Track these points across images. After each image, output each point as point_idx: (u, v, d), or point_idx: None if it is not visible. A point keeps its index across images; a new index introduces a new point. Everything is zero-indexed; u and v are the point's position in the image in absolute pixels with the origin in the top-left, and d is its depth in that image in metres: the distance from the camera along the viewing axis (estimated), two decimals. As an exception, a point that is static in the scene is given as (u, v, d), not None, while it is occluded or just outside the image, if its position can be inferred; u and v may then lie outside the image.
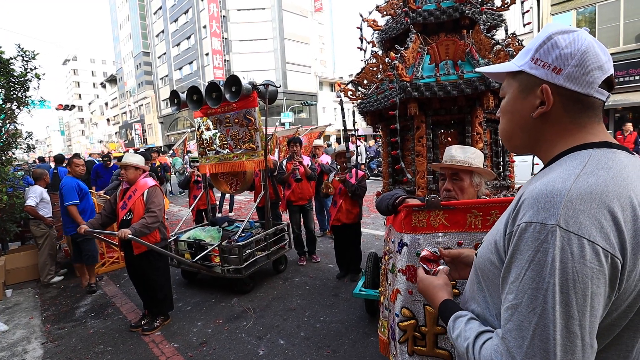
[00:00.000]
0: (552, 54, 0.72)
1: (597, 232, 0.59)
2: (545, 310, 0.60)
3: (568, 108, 0.73)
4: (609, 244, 0.59)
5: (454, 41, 2.64)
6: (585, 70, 0.69)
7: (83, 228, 3.27)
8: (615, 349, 0.68)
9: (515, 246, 0.66)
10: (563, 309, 0.59)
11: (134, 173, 3.42)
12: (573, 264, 0.58)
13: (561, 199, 0.62)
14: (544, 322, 0.60)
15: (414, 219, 1.60)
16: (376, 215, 7.47)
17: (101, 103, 66.21)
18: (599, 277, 0.59)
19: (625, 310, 0.64)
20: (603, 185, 0.62)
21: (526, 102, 0.77)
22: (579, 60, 0.69)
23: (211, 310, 3.87)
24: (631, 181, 0.64)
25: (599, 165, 0.66)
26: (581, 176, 0.64)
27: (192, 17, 34.32)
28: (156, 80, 42.68)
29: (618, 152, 0.69)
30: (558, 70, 0.71)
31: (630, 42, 12.36)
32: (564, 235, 0.59)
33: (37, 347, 3.36)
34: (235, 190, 5.18)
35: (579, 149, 0.71)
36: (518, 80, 0.79)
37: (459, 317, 0.84)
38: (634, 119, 13.04)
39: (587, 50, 0.69)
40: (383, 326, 1.93)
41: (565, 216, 0.60)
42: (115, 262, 5.49)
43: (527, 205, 0.66)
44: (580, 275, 0.58)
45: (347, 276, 4.51)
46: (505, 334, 0.66)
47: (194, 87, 4.49)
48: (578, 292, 0.58)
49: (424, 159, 2.59)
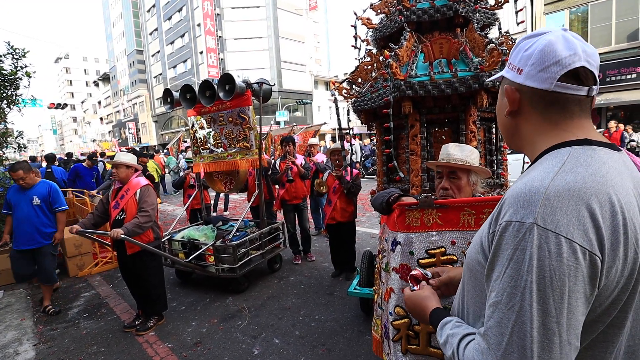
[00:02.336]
0: (517, 56, 0.78)
1: (574, 230, 0.59)
2: (523, 307, 0.61)
3: (533, 105, 0.77)
4: (586, 241, 0.59)
5: (448, 40, 2.64)
6: (541, 67, 0.72)
7: (75, 228, 3.23)
8: (601, 345, 0.68)
9: (496, 245, 0.67)
10: (540, 306, 0.59)
11: (125, 172, 3.39)
12: (550, 262, 0.59)
13: (539, 197, 0.63)
14: (522, 319, 0.61)
15: (408, 218, 1.60)
16: (371, 214, 7.48)
17: (94, 102, 65.58)
18: (576, 274, 0.59)
19: (608, 307, 0.64)
20: (581, 182, 0.63)
21: (502, 103, 0.84)
22: (535, 59, 0.73)
23: (206, 310, 3.85)
24: (610, 177, 0.64)
25: (578, 162, 0.67)
26: (559, 174, 0.65)
27: (186, 15, 34.07)
28: (150, 79, 42.34)
29: (598, 149, 0.70)
30: (520, 71, 0.76)
31: (622, 41, 12.49)
32: (542, 233, 0.60)
33: (29, 349, 3.32)
34: (230, 189, 5.16)
35: (559, 147, 0.72)
36: (502, 83, 0.86)
37: (446, 323, 0.85)
38: (626, 118, 13.20)
39: (543, 49, 0.72)
40: (376, 325, 1.93)
41: (543, 214, 0.61)
42: (109, 262, 5.43)
43: (508, 205, 0.68)
44: (558, 272, 0.59)
45: (342, 275, 4.51)
46: (487, 331, 0.67)
47: (188, 85, 4.45)
48: (555, 289, 0.59)
49: (418, 157, 2.59)
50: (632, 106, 12.87)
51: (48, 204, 4.03)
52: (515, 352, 0.61)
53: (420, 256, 1.57)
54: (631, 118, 12.99)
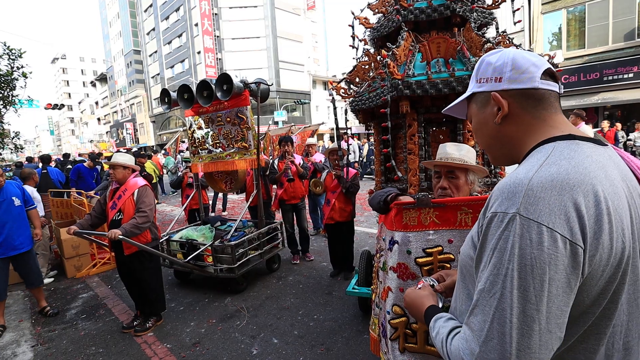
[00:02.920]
0: (489, 70, 0.84)
1: (556, 219, 0.61)
2: (504, 294, 0.62)
3: (523, 105, 0.80)
4: (567, 230, 0.61)
5: (445, 39, 2.65)
6: (522, 70, 0.79)
7: (72, 229, 3.23)
8: (594, 338, 0.69)
9: (483, 236, 0.70)
10: (520, 293, 0.61)
11: (122, 172, 3.37)
12: (531, 250, 0.61)
13: (522, 188, 0.65)
14: (502, 306, 0.62)
15: (405, 217, 1.61)
16: (369, 214, 7.49)
17: (91, 102, 65.32)
18: (557, 263, 0.60)
19: (597, 297, 0.65)
20: (564, 174, 0.64)
21: (486, 114, 0.86)
22: (512, 65, 0.80)
23: (204, 310, 3.85)
24: (593, 170, 0.66)
25: (562, 156, 0.69)
26: (543, 166, 0.67)
27: (183, 15, 33.98)
28: (147, 79, 42.22)
29: (582, 143, 0.72)
30: (499, 79, 0.82)
31: (619, 40, 12.53)
32: (524, 222, 0.62)
33: (27, 350, 3.31)
34: (230, 189, 5.16)
35: (545, 143, 0.76)
36: (474, 101, 0.90)
37: (439, 318, 0.87)
38: (623, 117, 13.25)
39: (515, 57, 0.80)
40: (374, 324, 1.94)
41: (526, 204, 0.63)
42: (107, 263, 5.42)
43: (494, 198, 0.70)
44: (538, 261, 0.60)
45: (340, 274, 4.51)
46: (471, 318, 0.69)
47: (185, 85, 4.44)
48: (536, 277, 0.60)
49: (416, 156, 2.59)
50: (629, 105, 12.92)
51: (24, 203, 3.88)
52: (495, 337, 0.62)
53: (418, 255, 1.57)
54: (628, 117, 13.03)
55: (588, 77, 12.93)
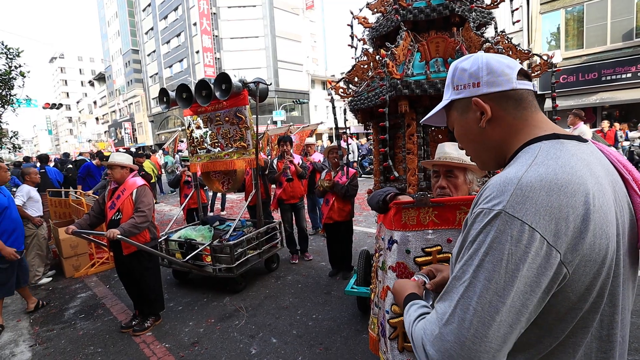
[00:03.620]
0: (464, 76, 0.85)
1: (540, 219, 0.62)
2: (472, 283, 0.64)
3: (504, 107, 0.82)
4: (549, 231, 0.61)
5: (444, 39, 2.65)
6: (497, 73, 0.81)
7: (71, 229, 3.22)
8: (582, 332, 0.71)
9: (467, 231, 0.72)
10: (490, 284, 0.62)
11: (120, 172, 3.37)
12: (509, 246, 0.62)
13: (511, 186, 0.66)
14: (468, 294, 0.64)
15: (404, 216, 1.61)
16: (368, 213, 7.49)
17: (89, 102, 65.14)
18: (531, 262, 0.61)
19: (583, 293, 0.66)
20: (552, 174, 0.65)
21: (469, 120, 0.87)
22: (487, 69, 0.81)
23: (203, 310, 3.84)
24: (579, 168, 0.67)
25: (548, 155, 0.70)
26: (532, 166, 0.68)
27: (181, 14, 33.92)
28: (146, 78, 42.13)
29: (566, 142, 0.74)
30: (477, 84, 0.83)
31: (617, 40, 12.57)
32: (508, 219, 0.63)
33: (25, 350, 3.30)
34: (227, 189, 5.15)
35: (530, 143, 0.77)
36: (454, 109, 0.91)
37: (414, 304, 0.88)
38: (621, 117, 13.29)
39: (488, 61, 0.82)
40: (373, 323, 1.94)
41: (513, 202, 0.64)
42: (105, 262, 5.41)
43: (483, 195, 0.71)
44: (514, 257, 0.61)
45: (339, 274, 4.51)
46: (439, 303, 0.71)
47: (184, 85, 4.44)
48: (508, 272, 0.61)
49: (415, 156, 2.59)
50: (627, 105, 12.96)
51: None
52: (455, 322, 0.64)
53: (417, 254, 1.57)
54: (626, 117, 13.08)
55: (586, 77, 12.97)
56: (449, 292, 0.69)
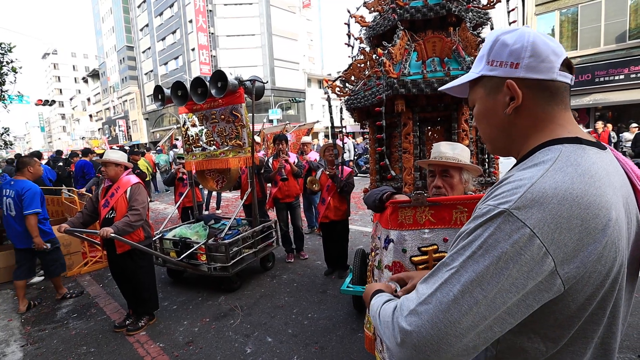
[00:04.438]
0: (504, 52, 0.75)
1: (544, 226, 0.59)
2: (459, 272, 0.63)
3: (537, 97, 0.74)
4: (549, 240, 0.59)
5: (441, 38, 2.65)
6: (542, 58, 0.71)
7: (63, 227, 3.18)
8: (581, 342, 0.69)
9: (467, 223, 0.69)
10: (476, 276, 0.61)
11: (114, 170, 3.33)
12: (505, 244, 0.60)
13: (523, 189, 0.63)
14: (452, 281, 0.63)
15: (400, 215, 1.61)
16: (364, 212, 7.50)
17: (83, 98, 64.51)
18: (523, 264, 0.59)
19: (583, 303, 0.64)
20: (569, 182, 0.62)
21: (497, 102, 0.79)
22: (531, 51, 0.72)
23: (198, 309, 3.82)
24: (598, 178, 0.64)
25: (568, 162, 0.66)
26: (549, 171, 0.65)
27: (177, 11, 33.67)
28: (141, 76, 41.80)
29: (588, 148, 0.70)
30: (516, 65, 0.73)
31: (610, 42, 12.69)
32: (510, 219, 0.61)
33: (17, 350, 3.26)
34: (222, 188, 5.12)
35: (551, 144, 0.72)
36: (481, 85, 0.81)
37: (381, 295, 0.85)
38: (614, 118, 13.43)
39: (535, 41, 0.72)
40: (369, 322, 1.94)
41: (520, 204, 0.61)
42: (98, 261, 5.36)
43: (493, 195, 0.68)
44: (506, 255, 0.60)
45: (335, 273, 4.52)
46: (420, 284, 0.69)
47: (179, 82, 4.40)
48: (498, 269, 0.60)
49: (411, 155, 2.60)
50: (620, 106, 13.10)
51: None
52: (432, 303, 0.63)
53: (413, 254, 1.57)
54: (619, 118, 13.23)
55: (580, 79, 13.08)
56: (433, 275, 0.67)
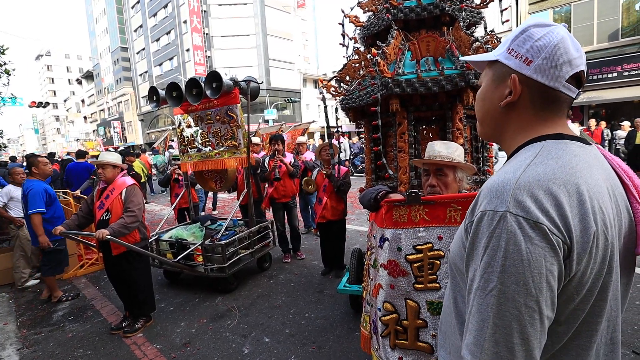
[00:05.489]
0: (525, 45, 0.73)
1: (543, 215, 0.61)
2: (502, 290, 0.62)
3: (534, 100, 0.75)
4: (554, 225, 0.61)
5: (435, 38, 2.67)
6: (554, 64, 0.71)
7: (59, 229, 3.16)
8: (586, 335, 0.70)
9: (473, 234, 0.69)
10: (520, 287, 0.61)
11: (112, 172, 3.32)
12: (526, 245, 0.61)
13: (510, 187, 0.65)
14: (501, 301, 0.62)
15: (395, 214, 1.62)
16: (360, 212, 7.52)
17: (77, 100, 63.97)
18: (551, 254, 0.61)
19: (586, 294, 0.66)
20: (551, 173, 0.65)
21: (497, 91, 0.80)
22: (549, 53, 0.71)
23: (195, 310, 3.82)
24: (579, 169, 0.66)
25: (550, 155, 0.69)
26: (531, 166, 0.67)
27: (171, 12, 33.51)
28: (135, 77, 41.56)
29: (570, 142, 0.72)
30: (529, 62, 0.73)
31: (603, 40, 12.80)
32: (513, 219, 0.62)
33: (12, 354, 3.24)
34: (220, 188, 5.12)
35: (535, 141, 0.74)
36: (493, 69, 0.82)
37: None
38: (607, 116, 13.54)
39: (558, 44, 0.70)
40: (365, 321, 1.95)
41: (514, 202, 0.63)
42: (94, 263, 5.34)
43: (483, 196, 0.69)
44: (534, 254, 0.61)
45: (331, 272, 4.52)
46: (469, 319, 0.68)
47: (174, 83, 4.39)
48: (533, 270, 0.61)
49: (406, 154, 2.61)
50: (613, 104, 13.22)
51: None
52: (498, 332, 0.62)
53: (408, 252, 1.59)
54: (612, 116, 13.34)
55: (573, 77, 13.15)
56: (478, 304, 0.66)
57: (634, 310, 3.13)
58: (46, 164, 4.31)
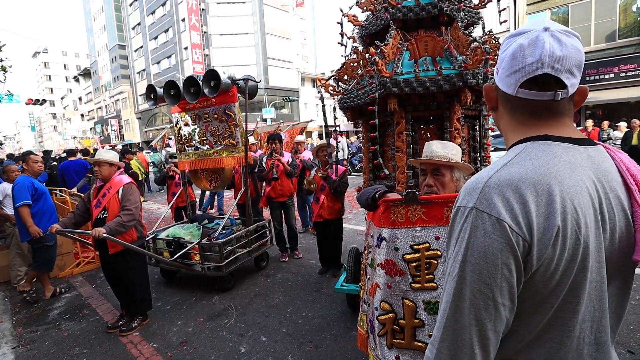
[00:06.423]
0: (499, 56, 0.80)
1: (506, 213, 0.66)
2: (462, 277, 0.69)
3: (505, 106, 0.82)
4: (515, 223, 0.65)
5: (433, 38, 2.67)
6: (508, 72, 0.76)
7: (55, 227, 3.15)
8: (559, 329, 0.72)
9: (449, 228, 0.76)
10: (476, 275, 0.67)
11: (108, 170, 3.31)
12: (484, 239, 0.67)
13: (481, 184, 0.70)
14: (460, 286, 0.69)
15: (393, 214, 1.62)
16: (358, 211, 7.52)
17: (74, 98, 63.67)
18: (507, 249, 0.65)
19: (554, 289, 0.69)
20: (523, 173, 0.69)
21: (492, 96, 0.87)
22: (506, 63, 0.76)
23: (191, 309, 3.81)
24: (556, 170, 0.69)
25: (528, 156, 0.72)
26: (506, 165, 0.72)
27: (170, 10, 33.37)
28: (133, 75, 41.38)
29: (554, 144, 0.73)
30: (497, 72, 0.81)
31: (600, 41, 12.86)
32: (478, 214, 0.68)
33: (8, 352, 3.22)
34: (215, 187, 5.11)
35: (519, 143, 0.78)
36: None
37: None
38: (604, 116, 13.60)
39: (513, 53, 0.74)
40: (362, 320, 1.95)
41: (482, 199, 0.69)
42: (91, 262, 5.32)
43: (460, 193, 0.75)
44: (491, 248, 0.66)
45: (329, 272, 4.53)
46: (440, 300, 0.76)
47: (172, 81, 4.37)
48: (489, 262, 0.66)
49: (404, 154, 2.61)
50: (610, 105, 13.28)
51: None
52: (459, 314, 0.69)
53: (405, 252, 1.59)
54: (609, 116, 13.39)
55: (571, 77, 13.20)
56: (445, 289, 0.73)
57: (629, 310, 3.15)
58: (36, 162, 4.25)
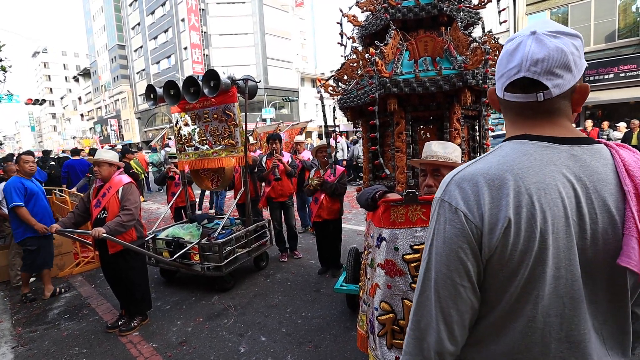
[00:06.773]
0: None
1: (463, 203, 0.75)
2: (428, 259, 0.80)
3: (501, 107, 0.89)
4: (470, 212, 0.74)
5: (433, 38, 2.67)
6: (497, 77, 0.84)
7: (54, 227, 3.15)
8: (522, 319, 0.75)
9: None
10: (439, 257, 0.78)
11: (108, 170, 3.30)
12: (445, 225, 0.77)
13: (450, 178, 0.80)
14: (427, 267, 0.80)
15: (393, 214, 1.62)
16: (357, 211, 7.52)
17: (74, 98, 63.60)
18: (463, 234, 0.74)
19: (510, 276, 0.74)
20: (486, 168, 0.76)
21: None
22: (497, 68, 0.84)
23: (191, 309, 3.81)
24: (521, 167, 0.74)
25: (497, 153, 0.79)
26: (475, 162, 0.80)
27: (169, 10, 33.35)
28: (132, 75, 41.35)
29: (528, 142, 0.78)
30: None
31: (600, 42, 12.87)
32: (442, 204, 0.78)
33: (7, 352, 3.22)
34: (217, 187, 5.11)
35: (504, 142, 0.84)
36: None
37: None
38: (604, 116, 13.62)
39: (500, 59, 0.82)
40: (362, 320, 1.95)
41: (447, 191, 0.78)
42: (91, 261, 5.32)
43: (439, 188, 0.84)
44: (449, 233, 0.76)
45: (328, 272, 4.53)
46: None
47: (171, 81, 4.37)
48: (447, 246, 0.76)
49: (404, 154, 2.61)
50: (609, 105, 13.29)
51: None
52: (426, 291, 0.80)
53: (405, 252, 1.59)
54: (609, 117, 13.40)
55: (570, 78, 13.21)
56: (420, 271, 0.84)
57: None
58: (27, 162, 4.17)
